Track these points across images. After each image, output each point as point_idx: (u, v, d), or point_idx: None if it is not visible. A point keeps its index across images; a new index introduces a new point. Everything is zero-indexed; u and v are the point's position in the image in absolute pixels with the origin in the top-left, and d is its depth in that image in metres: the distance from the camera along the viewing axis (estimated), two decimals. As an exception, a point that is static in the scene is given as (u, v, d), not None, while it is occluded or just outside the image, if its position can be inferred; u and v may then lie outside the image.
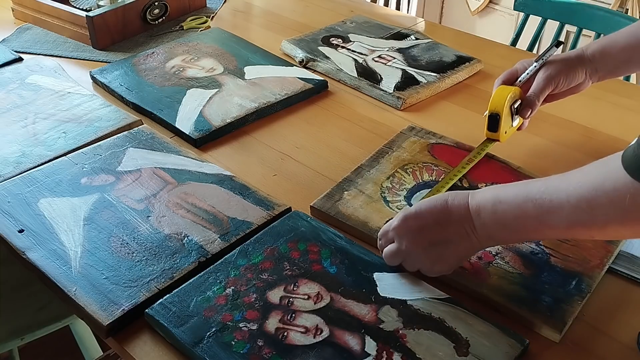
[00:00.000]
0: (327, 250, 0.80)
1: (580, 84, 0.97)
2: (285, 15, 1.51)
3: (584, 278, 0.77)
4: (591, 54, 0.95)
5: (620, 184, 0.59)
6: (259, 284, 0.76)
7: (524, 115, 0.97)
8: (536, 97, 0.95)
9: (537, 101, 0.95)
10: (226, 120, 1.06)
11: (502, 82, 0.99)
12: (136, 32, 1.38)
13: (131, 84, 1.16)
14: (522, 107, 0.96)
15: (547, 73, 0.95)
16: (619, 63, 0.95)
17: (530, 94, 0.96)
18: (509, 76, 0.99)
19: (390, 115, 1.12)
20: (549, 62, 0.96)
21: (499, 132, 0.96)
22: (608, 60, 0.95)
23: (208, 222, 0.85)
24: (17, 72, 1.20)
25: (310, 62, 1.26)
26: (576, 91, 0.99)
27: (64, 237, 0.82)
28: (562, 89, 0.97)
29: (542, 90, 0.95)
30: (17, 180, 0.92)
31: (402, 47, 1.31)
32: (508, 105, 0.95)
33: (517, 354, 0.69)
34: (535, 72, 0.97)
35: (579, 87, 0.98)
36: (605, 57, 0.95)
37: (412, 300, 0.74)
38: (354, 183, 0.92)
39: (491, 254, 0.80)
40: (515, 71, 0.99)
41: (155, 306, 0.73)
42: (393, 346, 0.69)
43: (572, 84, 0.96)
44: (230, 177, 0.93)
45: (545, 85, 0.95)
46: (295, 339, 0.69)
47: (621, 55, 0.94)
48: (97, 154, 0.98)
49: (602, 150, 1.03)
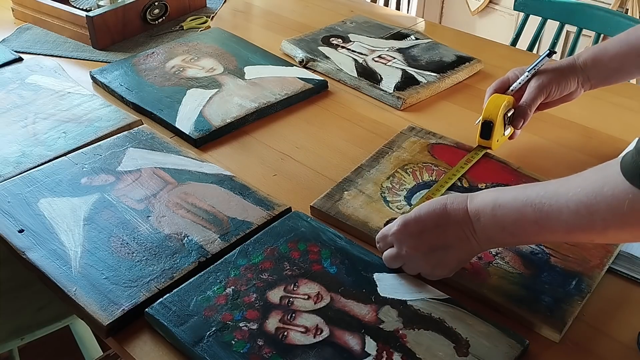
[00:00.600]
0: (327, 251, 0.81)
1: (572, 92, 0.98)
2: (285, 15, 1.51)
3: (584, 278, 0.77)
4: (583, 62, 0.95)
5: (618, 190, 0.59)
6: (259, 284, 0.76)
7: (516, 126, 0.98)
8: (528, 107, 0.95)
9: (529, 110, 0.96)
10: (226, 120, 1.06)
11: (493, 90, 0.99)
12: (136, 32, 1.38)
13: (131, 84, 1.16)
14: (514, 117, 0.97)
15: (538, 82, 0.95)
16: (611, 71, 0.95)
17: (522, 103, 0.96)
18: (500, 85, 1.00)
19: (390, 115, 1.12)
20: (540, 71, 0.96)
21: (492, 140, 0.97)
22: (600, 68, 0.95)
23: (208, 222, 0.85)
24: (17, 72, 1.20)
25: (310, 62, 1.26)
26: (568, 99, 0.99)
27: (64, 237, 0.82)
28: (554, 97, 0.97)
29: (534, 99, 0.95)
30: (17, 180, 0.92)
31: (402, 47, 1.31)
32: (502, 114, 0.95)
33: (517, 354, 0.69)
34: (527, 81, 0.97)
35: (571, 95, 0.98)
36: (596, 65, 0.95)
37: (412, 300, 0.74)
38: (354, 183, 0.92)
39: (491, 254, 0.80)
40: (507, 80, 1.00)
41: (155, 305, 0.73)
42: (393, 346, 0.69)
43: (564, 92, 0.97)
44: (230, 177, 0.93)
45: (537, 94, 0.95)
46: (295, 339, 0.69)
47: (612, 63, 0.94)
48: (97, 154, 0.98)
49: (602, 150, 1.03)
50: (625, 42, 0.92)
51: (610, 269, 0.80)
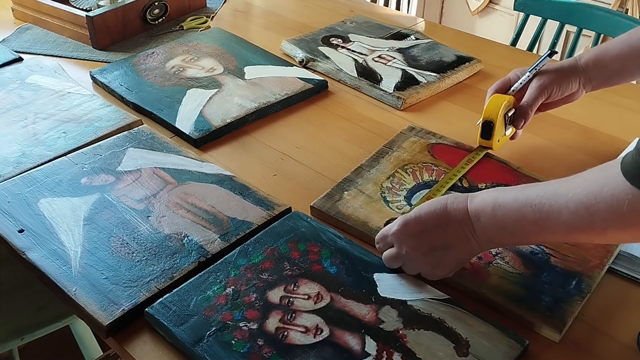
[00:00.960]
0: (327, 251, 0.81)
1: (574, 93, 0.97)
2: (285, 15, 1.51)
3: (584, 278, 0.77)
4: (585, 63, 0.95)
5: (618, 191, 0.59)
6: (259, 284, 0.76)
7: (517, 126, 0.97)
8: (529, 107, 0.95)
9: (530, 111, 0.95)
10: (226, 120, 1.06)
11: (494, 90, 0.99)
12: (136, 32, 1.38)
13: (131, 84, 1.16)
14: (515, 117, 0.97)
15: (540, 82, 0.95)
16: (612, 72, 0.95)
17: (524, 103, 0.96)
18: (502, 85, 0.99)
19: (390, 115, 1.12)
20: (542, 72, 0.96)
21: (492, 140, 0.96)
22: (601, 69, 0.95)
23: (208, 222, 0.85)
24: (17, 72, 1.20)
25: (310, 62, 1.26)
26: (569, 101, 0.99)
27: (64, 237, 0.82)
28: (555, 98, 0.97)
29: (535, 99, 0.95)
30: (17, 180, 0.92)
31: (402, 47, 1.31)
32: (502, 114, 0.95)
33: (517, 354, 0.69)
34: (528, 81, 0.97)
35: (572, 96, 0.98)
36: (598, 66, 0.94)
37: (412, 300, 0.74)
38: (354, 183, 0.92)
39: (491, 254, 0.80)
40: (508, 80, 1.00)
41: (156, 305, 0.73)
42: (393, 346, 0.69)
43: (565, 93, 0.96)
44: (230, 177, 0.93)
45: (538, 94, 0.95)
46: (296, 339, 0.69)
47: (614, 65, 0.94)
48: (97, 154, 0.98)
49: (602, 150, 1.03)
50: (627, 44, 0.92)
51: (610, 269, 0.80)
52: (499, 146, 0.99)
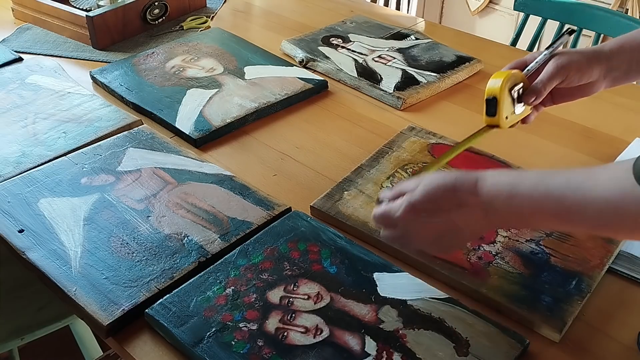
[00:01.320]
0: (327, 250, 0.80)
1: (593, 83, 0.87)
2: (285, 15, 1.51)
3: (584, 278, 0.77)
4: (609, 49, 0.87)
5: None
6: (259, 284, 0.76)
7: (527, 101, 0.87)
8: (543, 85, 0.85)
9: (543, 89, 0.85)
10: (226, 120, 1.06)
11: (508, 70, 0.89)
12: (136, 32, 1.38)
13: (131, 84, 1.16)
14: (526, 93, 0.86)
15: (558, 61, 0.85)
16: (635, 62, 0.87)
17: (537, 82, 0.86)
18: (516, 65, 0.90)
19: (390, 115, 1.12)
20: (562, 52, 0.86)
21: (499, 116, 0.85)
22: (624, 56, 0.86)
23: (208, 222, 0.85)
24: (17, 72, 1.20)
25: (310, 62, 1.26)
26: (587, 93, 0.89)
27: (64, 237, 0.82)
28: (572, 83, 0.86)
29: (550, 78, 0.85)
30: (17, 180, 0.92)
31: (402, 47, 1.31)
32: (506, 88, 0.85)
33: (517, 354, 0.69)
34: (545, 61, 0.87)
35: (591, 87, 0.88)
36: (622, 52, 0.86)
37: (412, 300, 0.74)
38: (354, 183, 0.92)
39: (491, 254, 0.80)
40: (524, 61, 0.90)
41: (155, 306, 0.73)
42: (393, 346, 0.69)
43: (583, 80, 0.86)
44: (230, 177, 0.93)
45: (554, 73, 0.85)
46: (295, 339, 0.69)
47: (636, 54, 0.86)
48: (97, 154, 0.98)
49: (602, 150, 1.03)
50: None
51: (610, 269, 0.80)
52: (508, 124, 0.87)
